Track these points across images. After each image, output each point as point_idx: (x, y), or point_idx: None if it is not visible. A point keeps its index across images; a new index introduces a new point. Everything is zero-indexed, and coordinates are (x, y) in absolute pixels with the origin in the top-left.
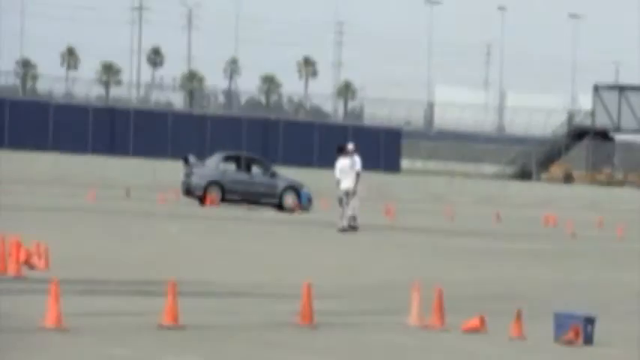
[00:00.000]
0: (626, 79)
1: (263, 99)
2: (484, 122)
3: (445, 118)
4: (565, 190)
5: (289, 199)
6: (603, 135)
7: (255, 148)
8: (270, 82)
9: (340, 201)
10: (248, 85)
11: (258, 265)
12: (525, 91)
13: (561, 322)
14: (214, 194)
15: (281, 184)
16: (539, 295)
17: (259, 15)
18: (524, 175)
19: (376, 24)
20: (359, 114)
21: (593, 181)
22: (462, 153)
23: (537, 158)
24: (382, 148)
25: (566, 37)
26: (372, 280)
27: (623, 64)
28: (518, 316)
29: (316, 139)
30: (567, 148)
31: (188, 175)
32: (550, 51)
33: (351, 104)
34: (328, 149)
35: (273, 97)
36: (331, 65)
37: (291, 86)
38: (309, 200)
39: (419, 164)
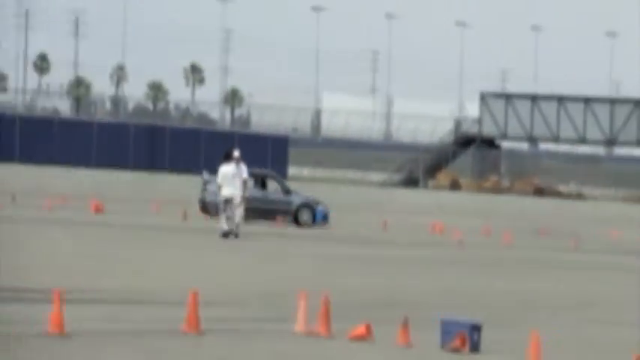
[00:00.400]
0: (512, 88)
1: (150, 105)
2: (371, 129)
3: (332, 125)
4: (452, 197)
5: (304, 216)
6: (490, 143)
7: (142, 155)
8: (157, 89)
9: (220, 207)
10: (135, 92)
11: (142, 272)
12: (413, 98)
13: (448, 330)
14: None
15: (296, 201)
16: (426, 302)
17: (146, 21)
18: (411, 182)
19: (263, 31)
20: (246, 121)
21: (480, 189)
22: (349, 160)
23: (424, 166)
24: (269, 155)
25: (453, 45)
26: (260, 287)
27: (509, 72)
28: (405, 324)
29: (203, 146)
30: (454, 155)
31: (203, 191)
32: (437, 59)
33: (238, 111)
34: (215, 156)
35: (160, 104)
36: (218, 72)
37: (179, 93)
38: (325, 217)
39: (306, 171)
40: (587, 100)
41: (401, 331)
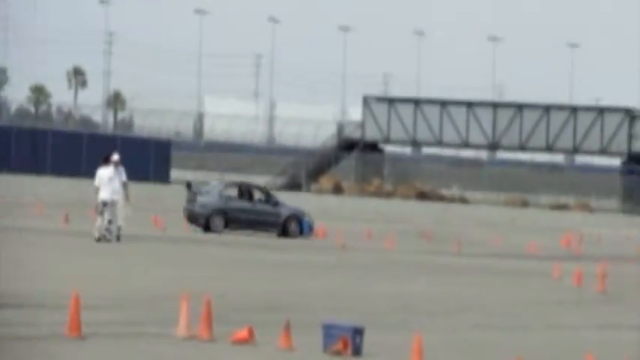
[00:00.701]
0: (395, 92)
1: (32, 109)
2: (254, 133)
3: (215, 129)
4: (334, 201)
5: (292, 227)
6: (373, 147)
7: (24, 158)
8: (39, 92)
9: (99, 210)
10: (17, 95)
11: (21, 275)
12: (296, 102)
13: (330, 333)
14: (218, 222)
15: (284, 213)
16: (308, 306)
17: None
18: (294, 186)
19: (146, 34)
20: (129, 124)
21: (363, 193)
22: (232, 164)
23: (307, 169)
24: (152, 158)
25: (336, 49)
26: (142, 291)
27: (392, 76)
28: (287, 327)
29: (85, 150)
30: (337, 159)
31: (191, 201)
32: (320, 63)
33: (121, 114)
34: (97, 159)
35: (43, 107)
36: (101, 75)
37: (61, 96)
38: (311, 228)
39: (189, 175)
40: (470, 105)
41: (283, 334)
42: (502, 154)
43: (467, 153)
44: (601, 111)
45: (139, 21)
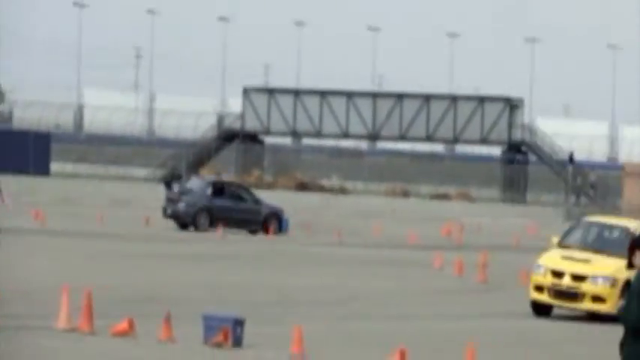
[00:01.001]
0: (275, 83)
1: None
2: (134, 125)
3: (95, 122)
4: None
5: (272, 225)
6: (253, 138)
7: None
8: None
9: None
10: None
11: None
12: (176, 94)
13: (211, 325)
14: (204, 220)
15: (264, 211)
16: (189, 297)
17: None
18: (174, 177)
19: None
20: (8, 117)
21: (243, 184)
22: (113, 156)
23: (187, 161)
24: (31, 151)
25: (215, 40)
26: (22, 284)
27: (272, 67)
28: (167, 319)
29: None
30: (217, 150)
31: (173, 200)
32: (200, 54)
33: (0, 107)
34: None
35: None
36: None
37: None
38: (287, 225)
39: (69, 167)
40: (349, 95)
41: (163, 326)
42: (382, 144)
43: (347, 143)
44: (481, 100)
45: (17, 12)
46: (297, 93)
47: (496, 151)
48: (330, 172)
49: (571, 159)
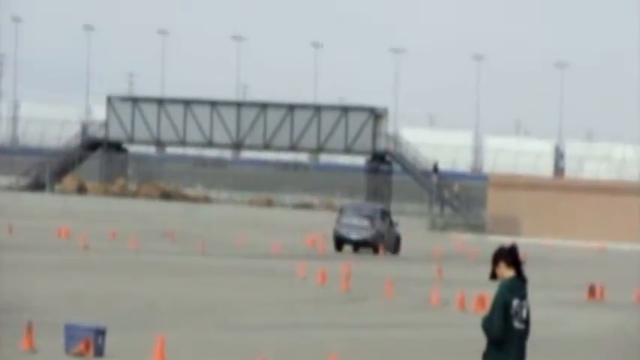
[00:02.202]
0: (139, 91)
1: None
2: None
3: None
4: (79, 201)
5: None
6: (117, 146)
7: None
8: None
9: None
10: None
11: None
12: (40, 102)
13: (72, 334)
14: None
15: (396, 234)
16: (51, 307)
17: None
18: (37, 186)
19: None
20: None
21: (107, 193)
22: None
23: (51, 169)
24: None
25: (79, 48)
26: None
27: (136, 75)
28: (29, 328)
29: None
30: (81, 159)
31: (357, 227)
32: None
33: None
34: None
35: None
36: None
37: None
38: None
39: None
40: (214, 104)
41: (25, 335)
42: (246, 154)
43: (211, 152)
44: (345, 110)
45: None
46: (161, 102)
47: (360, 160)
48: (194, 181)
49: (435, 169)
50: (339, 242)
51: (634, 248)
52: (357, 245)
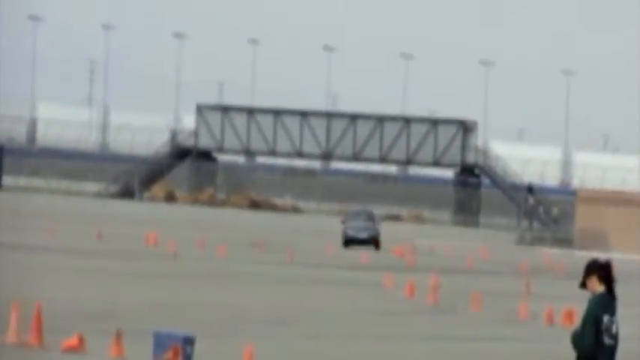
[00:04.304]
0: (229, 100)
1: None
2: (87, 140)
3: (48, 135)
4: (167, 209)
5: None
6: (206, 155)
7: None
8: None
9: None
10: None
11: None
12: (129, 109)
13: (160, 342)
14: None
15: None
16: (140, 314)
17: None
18: (126, 193)
19: None
20: None
21: (196, 201)
22: (65, 170)
23: (140, 177)
24: None
25: (170, 56)
26: None
27: (226, 84)
28: (118, 336)
29: None
30: (170, 167)
31: (363, 228)
32: (154, 69)
33: None
34: None
35: None
36: None
37: None
38: None
39: (22, 181)
40: (304, 114)
41: (114, 343)
42: (336, 164)
43: (300, 163)
44: (434, 122)
45: None
46: (250, 111)
47: (449, 173)
48: (283, 191)
49: (530, 189)
50: (348, 242)
51: None
52: (363, 243)
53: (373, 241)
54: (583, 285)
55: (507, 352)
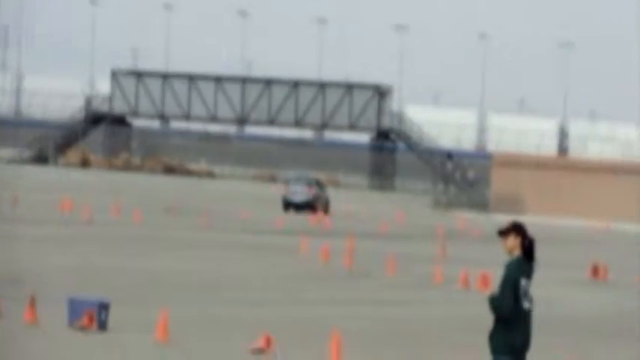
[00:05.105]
0: (144, 65)
1: None
2: (1, 105)
3: None
4: (82, 175)
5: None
6: (121, 120)
7: None
8: None
9: None
10: None
11: None
12: (43, 74)
13: (75, 308)
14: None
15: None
16: (55, 280)
17: None
18: (41, 159)
19: None
20: None
21: (111, 167)
22: None
23: (55, 143)
24: None
25: (84, 22)
26: None
27: (140, 49)
28: (32, 301)
29: None
30: (84, 132)
31: (300, 192)
32: (69, 34)
33: None
34: None
35: None
36: None
37: None
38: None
39: None
40: (218, 79)
41: (28, 308)
42: (250, 129)
43: (215, 127)
44: (349, 87)
45: None
46: (165, 76)
47: (365, 137)
48: (198, 155)
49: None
50: (287, 205)
51: (637, 229)
52: (299, 207)
53: (311, 206)
54: (502, 234)
55: (423, 315)
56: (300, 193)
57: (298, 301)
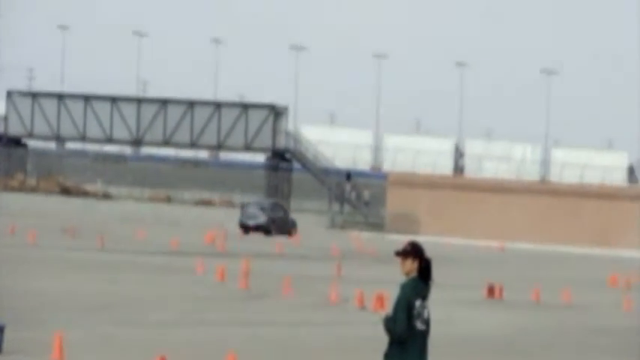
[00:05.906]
0: (39, 86)
1: None
2: None
3: None
4: None
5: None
6: (16, 141)
7: None
8: None
9: None
10: None
11: None
12: None
13: None
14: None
15: (291, 221)
16: None
17: None
18: None
19: None
20: None
21: (6, 188)
22: None
23: None
24: None
25: None
26: None
27: (36, 70)
28: None
29: None
30: None
31: (254, 216)
32: None
33: None
34: None
35: None
36: None
37: None
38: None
39: None
40: (114, 100)
41: None
42: (146, 150)
43: (111, 148)
44: (245, 107)
45: None
46: (61, 97)
47: (260, 158)
48: (94, 176)
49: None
50: (243, 228)
51: (533, 248)
52: (255, 229)
53: (263, 229)
54: (400, 255)
55: (319, 336)
56: (255, 217)
57: (195, 322)
